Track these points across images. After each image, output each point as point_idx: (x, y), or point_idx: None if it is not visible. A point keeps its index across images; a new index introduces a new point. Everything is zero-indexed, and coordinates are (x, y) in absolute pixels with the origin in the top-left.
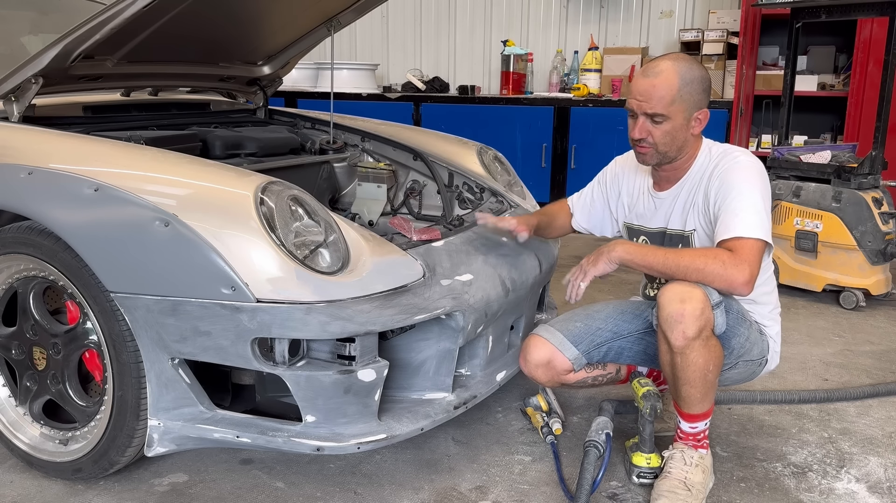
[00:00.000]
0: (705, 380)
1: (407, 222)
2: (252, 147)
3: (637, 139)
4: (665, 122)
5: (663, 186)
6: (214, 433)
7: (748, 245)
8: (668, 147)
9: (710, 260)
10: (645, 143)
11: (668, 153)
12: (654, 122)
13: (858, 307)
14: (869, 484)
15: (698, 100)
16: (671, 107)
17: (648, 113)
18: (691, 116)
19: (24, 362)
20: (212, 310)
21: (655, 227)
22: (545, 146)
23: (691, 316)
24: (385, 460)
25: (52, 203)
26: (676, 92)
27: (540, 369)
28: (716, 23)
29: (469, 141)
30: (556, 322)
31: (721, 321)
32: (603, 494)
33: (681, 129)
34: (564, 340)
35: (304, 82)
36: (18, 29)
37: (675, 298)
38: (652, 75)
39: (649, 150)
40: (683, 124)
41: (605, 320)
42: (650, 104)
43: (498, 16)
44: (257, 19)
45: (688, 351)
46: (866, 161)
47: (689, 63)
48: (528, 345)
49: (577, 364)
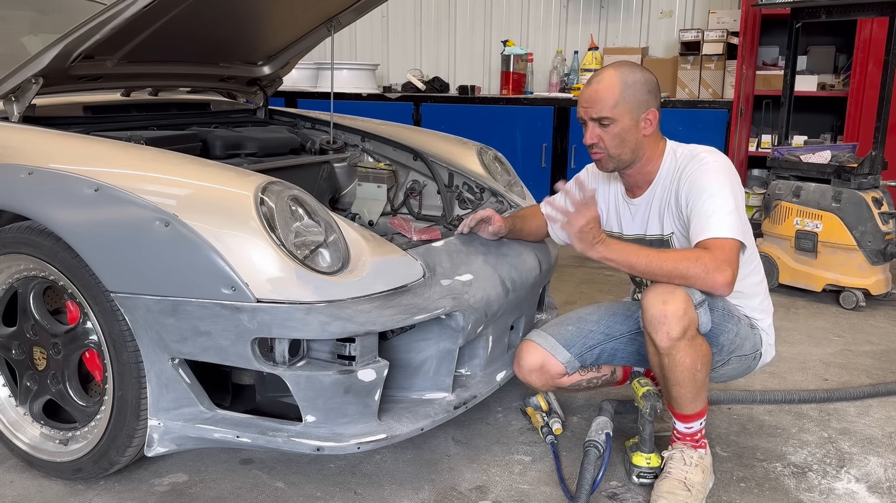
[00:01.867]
0: (694, 380)
1: (407, 222)
2: (252, 147)
3: (589, 144)
4: (612, 125)
5: (636, 192)
6: (214, 433)
7: (726, 246)
8: (619, 150)
9: (692, 264)
10: (597, 149)
11: (622, 156)
12: (602, 126)
13: (858, 307)
14: (869, 484)
15: (644, 100)
16: (615, 109)
17: (594, 117)
18: (639, 117)
19: (24, 362)
20: (212, 310)
21: (633, 234)
22: (545, 146)
23: (674, 316)
24: (385, 460)
25: (52, 203)
26: (619, 94)
27: (534, 374)
28: (716, 23)
29: (469, 141)
30: (548, 326)
31: (706, 319)
32: (603, 494)
33: (629, 130)
34: (556, 344)
35: (304, 82)
36: (18, 29)
37: (657, 300)
38: (595, 82)
39: (602, 154)
40: (632, 125)
41: (597, 322)
42: (594, 108)
43: (498, 16)
44: (257, 19)
45: (674, 351)
46: (866, 161)
47: (630, 67)
48: (521, 351)
49: (570, 367)
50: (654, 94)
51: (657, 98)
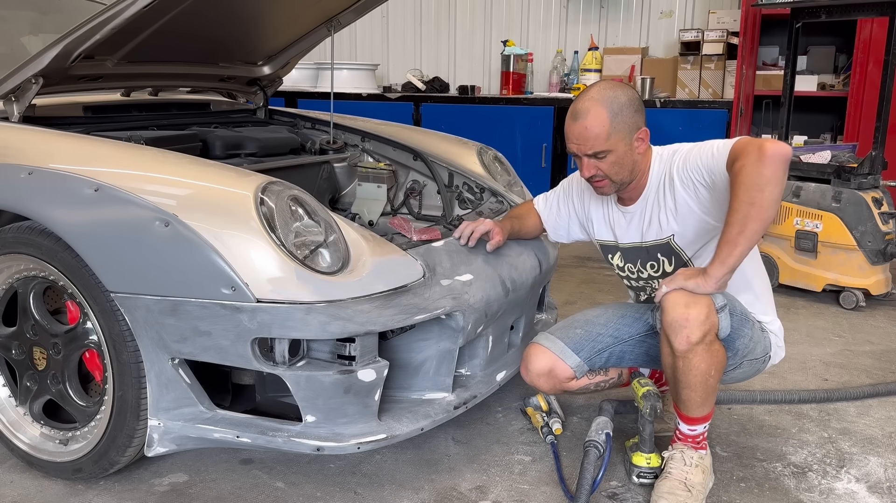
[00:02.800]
0: (706, 385)
1: (407, 222)
2: (252, 147)
3: (589, 177)
4: (609, 156)
5: (627, 203)
6: (214, 433)
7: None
8: (621, 175)
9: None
10: (598, 178)
11: (624, 179)
12: (599, 159)
13: (858, 307)
14: (869, 484)
15: (633, 122)
16: (609, 141)
17: (589, 154)
18: (632, 140)
19: (24, 362)
20: (212, 310)
21: (629, 243)
22: (545, 146)
23: (696, 321)
24: (385, 460)
25: (52, 203)
26: (609, 126)
27: (542, 378)
28: (716, 23)
29: (469, 141)
30: (556, 329)
31: (726, 324)
32: (603, 494)
33: (626, 155)
34: (565, 348)
35: (304, 82)
36: (18, 29)
37: (679, 303)
38: (581, 118)
39: (605, 182)
40: (627, 150)
41: (606, 325)
42: (588, 145)
43: (498, 16)
44: (257, 19)
45: (691, 355)
46: (866, 161)
47: (612, 92)
48: (529, 355)
49: (580, 371)
50: (640, 112)
51: (643, 114)
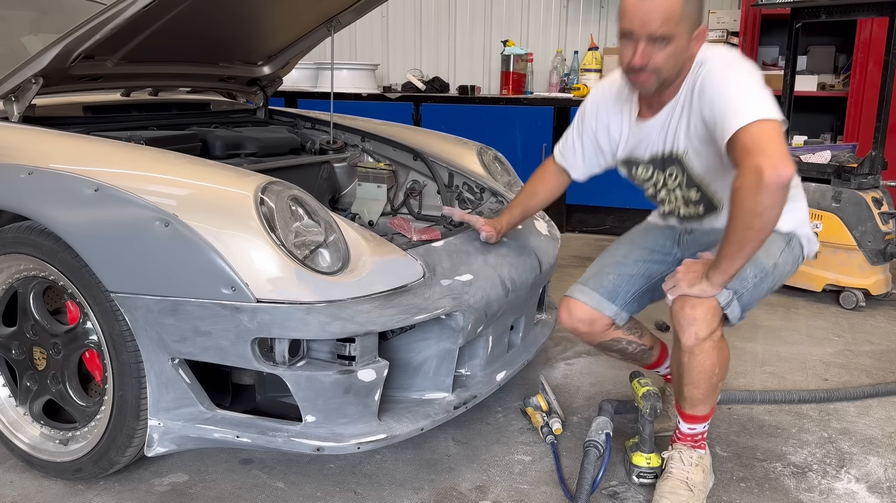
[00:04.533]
0: (709, 383)
1: (407, 222)
2: (252, 147)
3: (638, 67)
4: (669, 44)
5: (648, 114)
6: (214, 433)
7: (764, 137)
8: (670, 71)
9: (752, 197)
10: (646, 71)
11: (669, 78)
12: (657, 46)
13: (858, 307)
14: (869, 484)
15: (698, 16)
16: (677, 25)
17: (654, 34)
18: (692, 35)
19: (24, 362)
20: (212, 310)
21: (649, 156)
22: (545, 146)
23: (703, 319)
24: (385, 460)
25: (52, 203)
26: (681, 8)
27: (582, 324)
28: (716, 23)
29: (469, 141)
30: (588, 279)
31: (736, 313)
32: (603, 494)
33: (684, 49)
34: (601, 299)
35: (304, 82)
36: (18, 29)
37: (686, 304)
38: None
39: (650, 77)
40: (686, 44)
41: (636, 264)
42: (655, 24)
43: (498, 16)
44: (257, 19)
45: (697, 351)
46: (866, 161)
47: None
48: (570, 306)
49: (620, 319)
50: (703, 8)
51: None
